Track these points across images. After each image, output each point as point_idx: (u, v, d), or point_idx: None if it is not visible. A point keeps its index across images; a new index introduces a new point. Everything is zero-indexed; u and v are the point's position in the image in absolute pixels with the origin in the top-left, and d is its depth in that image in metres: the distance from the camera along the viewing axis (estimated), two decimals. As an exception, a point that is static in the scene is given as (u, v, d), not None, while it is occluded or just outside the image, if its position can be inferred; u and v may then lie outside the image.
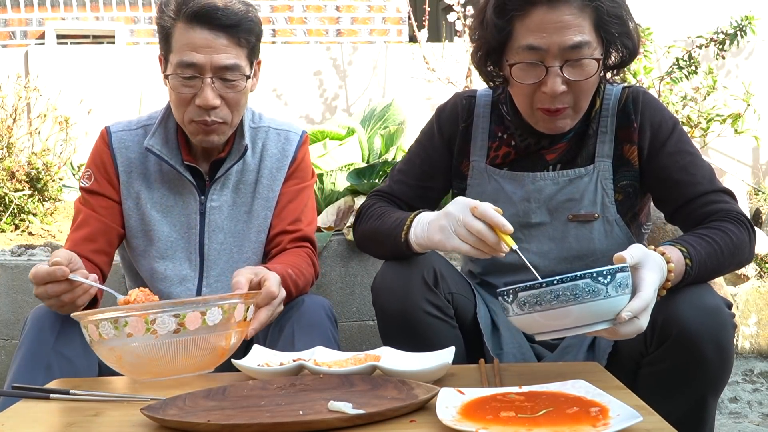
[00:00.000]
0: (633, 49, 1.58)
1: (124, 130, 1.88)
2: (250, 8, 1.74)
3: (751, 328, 2.86)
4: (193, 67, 1.69)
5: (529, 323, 1.26)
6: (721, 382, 1.46)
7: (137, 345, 1.34)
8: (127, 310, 1.36)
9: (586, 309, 1.22)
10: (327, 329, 1.69)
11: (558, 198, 1.66)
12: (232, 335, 1.43)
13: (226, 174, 1.84)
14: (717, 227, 1.50)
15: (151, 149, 1.80)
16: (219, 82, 1.71)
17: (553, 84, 1.52)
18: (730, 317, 1.43)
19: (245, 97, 1.77)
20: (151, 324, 1.33)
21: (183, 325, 1.34)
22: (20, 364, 1.59)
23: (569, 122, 1.60)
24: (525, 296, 1.24)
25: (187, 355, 1.37)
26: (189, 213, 1.84)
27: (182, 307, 1.36)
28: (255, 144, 1.87)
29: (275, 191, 1.87)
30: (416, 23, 4.16)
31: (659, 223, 2.68)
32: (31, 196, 3.48)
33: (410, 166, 1.79)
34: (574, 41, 1.50)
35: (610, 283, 1.22)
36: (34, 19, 4.91)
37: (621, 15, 1.54)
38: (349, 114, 4.33)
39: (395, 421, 1.12)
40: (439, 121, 1.77)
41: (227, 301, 1.40)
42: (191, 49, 1.68)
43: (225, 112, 1.74)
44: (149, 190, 1.84)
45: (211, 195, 1.84)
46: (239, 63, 1.71)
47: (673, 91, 3.79)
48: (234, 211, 1.86)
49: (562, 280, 1.21)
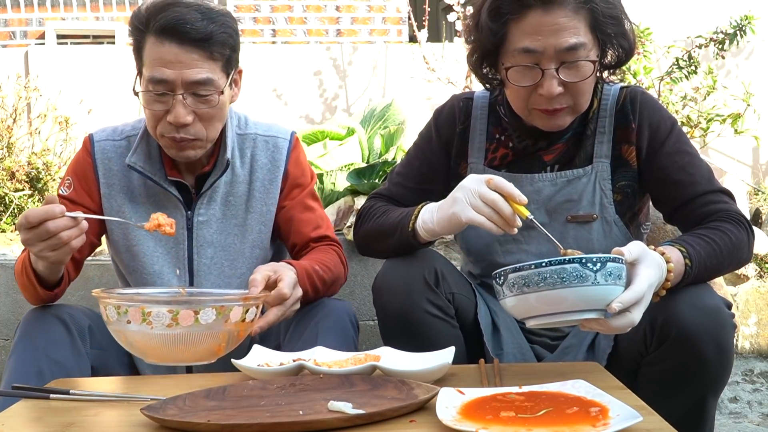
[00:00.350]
0: (629, 49, 1.58)
1: (108, 139, 1.82)
2: (224, 18, 1.67)
3: (751, 328, 2.86)
4: (163, 83, 1.63)
5: (518, 306, 1.28)
6: (720, 383, 1.46)
7: (136, 331, 1.40)
8: (128, 299, 1.42)
9: (572, 293, 1.23)
10: (350, 334, 1.68)
11: (556, 199, 1.66)
12: (227, 335, 1.43)
13: (213, 187, 1.79)
14: (716, 227, 1.50)
15: (133, 166, 1.76)
16: (191, 97, 1.65)
17: (549, 86, 1.52)
18: (730, 317, 1.43)
19: (221, 110, 1.71)
20: (147, 315, 1.38)
21: (176, 320, 1.38)
22: (12, 370, 1.59)
23: (568, 119, 1.60)
24: (514, 278, 1.26)
25: (181, 347, 1.41)
26: (176, 228, 1.76)
27: (177, 304, 1.40)
28: (243, 153, 1.82)
29: (270, 206, 1.83)
30: (416, 23, 4.16)
31: (659, 223, 2.68)
32: (31, 196, 3.48)
33: (409, 168, 1.78)
34: (570, 43, 1.50)
35: (599, 270, 1.22)
36: (34, 19, 4.91)
37: (616, 15, 1.54)
38: (349, 114, 4.33)
39: (395, 421, 1.12)
40: (437, 124, 1.77)
41: (222, 302, 1.41)
42: (161, 64, 1.62)
43: (198, 128, 1.68)
44: (133, 204, 1.80)
45: (198, 209, 1.79)
46: (212, 77, 1.65)
47: (672, 91, 3.79)
48: (224, 225, 1.82)
49: (551, 262, 1.23)
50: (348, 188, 2.93)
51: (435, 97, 4.14)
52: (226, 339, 1.44)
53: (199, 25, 1.61)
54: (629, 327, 1.28)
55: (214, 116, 1.69)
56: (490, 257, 1.72)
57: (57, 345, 1.61)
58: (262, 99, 4.26)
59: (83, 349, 1.64)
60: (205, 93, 1.65)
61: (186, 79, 1.63)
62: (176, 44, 1.61)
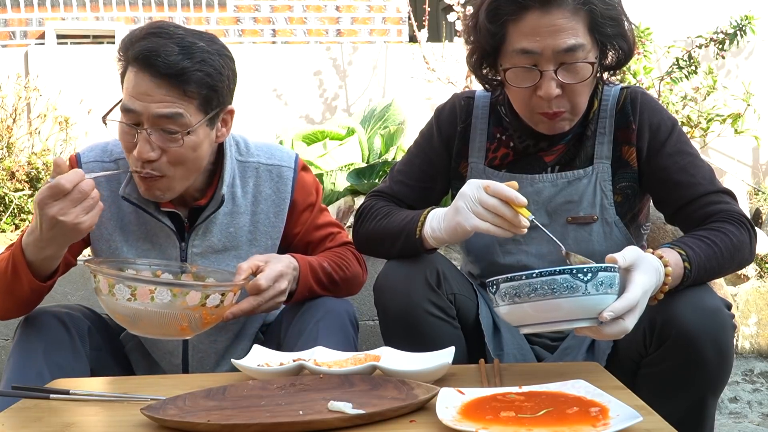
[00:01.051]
0: (628, 50, 1.58)
1: (96, 161, 1.74)
2: (206, 56, 1.56)
3: (751, 328, 2.86)
4: (132, 114, 1.55)
5: (511, 314, 1.29)
6: (720, 383, 1.46)
7: (105, 299, 1.53)
8: (102, 272, 1.52)
9: (564, 303, 1.23)
10: (350, 334, 1.67)
11: (557, 200, 1.66)
12: (186, 316, 1.51)
13: (210, 219, 1.71)
14: (717, 228, 1.49)
15: (128, 198, 1.68)
16: (157, 133, 1.55)
17: (548, 88, 1.52)
18: (730, 318, 1.43)
19: (194, 152, 1.59)
20: (112, 287, 1.50)
21: (134, 296, 1.49)
22: (12, 371, 1.59)
23: (568, 124, 1.61)
24: (506, 287, 1.26)
25: (143, 322, 1.52)
26: (168, 259, 1.73)
27: (138, 281, 1.51)
28: (245, 183, 1.74)
29: (276, 239, 1.77)
30: (416, 23, 4.16)
31: (659, 223, 2.68)
32: (31, 196, 3.48)
33: (410, 166, 1.78)
34: (568, 44, 1.49)
35: (590, 281, 1.22)
36: (34, 19, 4.91)
37: (615, 16, 1.54)
38: (349, 114, 4.33)
39: (395, 421, 1.12)
40: (438, 122, 1.77)
41: (178, 285, 1.52)
42: (132, 94, 1.55)
43: (164, 166, 1.58)
44: (123, 233, 1.72)
45: (193, 241, 1.72)
46: (181, 113, 1.54)
47: (673, 91, 3.79)
48: (223, 257, 1.74)
49: (541, 273, 1.23)
50: (348, 188, 2.93)
51: (435, 97, 4.14)
52: (186, 320, 1.51)
53: (172, 60, 1.52)
54: (622, 334, 1.28)
55: (183, 157, 1.58)
56: (490, 257, 1.72)
57: (56, 346, 1.60)
58: (262, 99, 4.26)
59: (83, 350, 1.64)
60: (172, 130, 1.55)
61: (151, 113, 1.54)
62: (149, 75, 1.53)
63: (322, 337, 1.60)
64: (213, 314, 1.54)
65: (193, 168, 1.63)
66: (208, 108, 1.59)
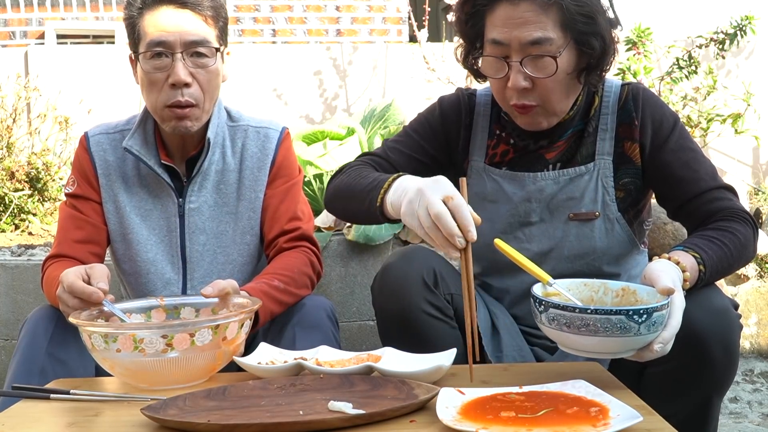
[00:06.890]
0: (603, 49, 1.55)
1: (102, 133, 1.89)
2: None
3: (751, 328, 2.86)
4: (162, 45, 1.71)
5: (554, 336, 1.27)
6: (726, 383, 1.46)
7: (127, 359, 1.35)
8: (116, 327, 1.39)
9: (613, 342, 1.21)
10: (328, 330, 1.69)
11: (559, 197, 1.65)
12: (222, 354, 1.41)
13: (204, 174, 1.83)
14: (725, 228, 1.50)
15: (129, 149, 1.80)
16: (190, 59, 1.72)
17: (515, 79, 1.53)
18: (737, 318, 1.43)
19: (216, 78, 1.78)
20: (140, 343, 1.33)
21: (171, 345, 1.33)
22: (15, 369, 1.60)
23: (543, 121, 1.60)
24: (555, 313, 1.24)
25: (176, 371, 1.36)
26: (168, 216, 1.83)
27: (171, 328, 1.35)
28: (234, 143, 1.86)
29: (258, 192, 1.85)
30: (416, 23, 4.16)
31: (659, 223, 2.68)
32: (31, 196, 3.48)
33: (407, 138, 1.76)
34: (534, 37, 1.50)
35: (643, 322, 1.20)
36: (34, 19, 4.90)
37: (587, 13, 1.52)
38: (349, 114, 4.33)
39: (395, 421, 1.12)
40: (441, 106, 1.77)
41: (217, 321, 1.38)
42: (159, 29, 1.71)
43: (197, 93, 1.74)
44: (128, 193, 1.84)
45: (189, 197, 1.83)
46: (208, 38, 1.73)
47: (673, 91, 3.79)
48: (216, 213, 1.84)
49: (596, 311, 1.20)
50: (348, 188, 2.92)
51: (435, 97, 4.11)
52: (222, 358, 1.42)
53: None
54: (659, 356, 1.28)
55: (211, 83, 1.76)
56: (490, 256, 1.71)
57: (61, 344, 1.61)
58: (262, 99, 4.26)
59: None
60: (203, 52, 1.73)
61: (184, 39, 1.71)
62: (172, 8, 1.72)
63: (300, 339, 1.63)
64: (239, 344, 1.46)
65: (214, 97, 1.80)
66: (222, 40, 1.79)
